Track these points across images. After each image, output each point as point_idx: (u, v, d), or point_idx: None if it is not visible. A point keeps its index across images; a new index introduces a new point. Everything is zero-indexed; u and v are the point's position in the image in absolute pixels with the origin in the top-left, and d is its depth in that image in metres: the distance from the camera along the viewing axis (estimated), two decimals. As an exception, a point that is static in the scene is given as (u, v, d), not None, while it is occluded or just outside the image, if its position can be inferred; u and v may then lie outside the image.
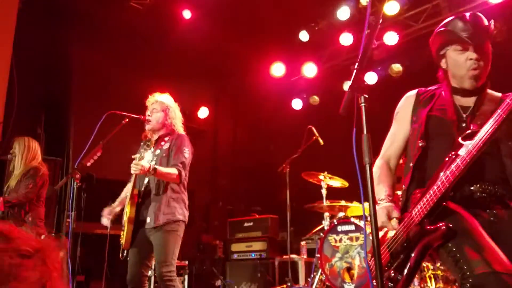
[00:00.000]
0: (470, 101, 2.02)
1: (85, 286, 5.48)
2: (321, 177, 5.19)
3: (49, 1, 6.15)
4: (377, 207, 1.92)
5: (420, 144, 2.01)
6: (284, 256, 5.84)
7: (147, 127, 3.56)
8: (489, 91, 2.07)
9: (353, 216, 4.80)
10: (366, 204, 1.60)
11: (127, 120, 3.62)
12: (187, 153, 3.42)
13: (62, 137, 6.25)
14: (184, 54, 7.19)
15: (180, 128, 3.63)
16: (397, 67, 6.55)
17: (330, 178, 5.21)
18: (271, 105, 8.35)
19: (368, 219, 1.58)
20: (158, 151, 3.44)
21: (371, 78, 6.68)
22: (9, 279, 0.86)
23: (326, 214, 5.13)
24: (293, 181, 5.32)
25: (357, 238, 4.54)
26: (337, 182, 5.28)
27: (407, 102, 2.18)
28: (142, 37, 6.81)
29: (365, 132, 1.64)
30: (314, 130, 5.42)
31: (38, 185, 4.27)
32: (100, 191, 5.75)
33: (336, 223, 4.76)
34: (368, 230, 1.70)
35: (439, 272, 4.01)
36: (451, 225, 1.74)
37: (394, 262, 1.88)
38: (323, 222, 5.12)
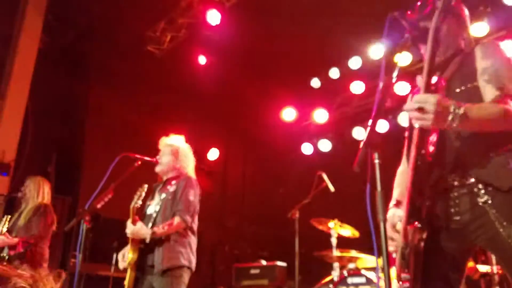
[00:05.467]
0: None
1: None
2: (331, 224, 5.10)
3: (67, 44, 6.40)
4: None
5: (406, 134, 2.03)
6: (291, 307, 5.65)
7: (156, 169, 3.58)
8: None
9: (364, 268, 4.66)
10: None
11: (139, 162, 3.64)
12: (192, 195, 3.36)
13: (73, 177, 6.31)
14: (197, 97, 7.34)
15: (190, 171, 3.61)
16: (407, 116, 6.58)
17: (340, 226, 5.12)
18: (281, 149, 8.38)
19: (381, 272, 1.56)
20: (163, 195, 3.43)
21: (382, 126, 6.73)
22: None
23: (336, 264, 4.99)
24: (302, 228, 5.23)
25: (367, 292, 4.39)
26: (348, 231, 5.18)
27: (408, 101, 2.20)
28: (156, 81, 7.01)
29: (379, 189, 1.63)
30: (324, 176, 5.37)
31: (48, 223, 4.29)
32: (106, 231, 5.71)
33: (346, 274, 4.62)
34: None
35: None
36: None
37: (403, 262, 1.82)
38: (333, 272, 4.97)
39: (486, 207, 1.68)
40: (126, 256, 3.31)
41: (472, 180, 1.71)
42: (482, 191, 1.69)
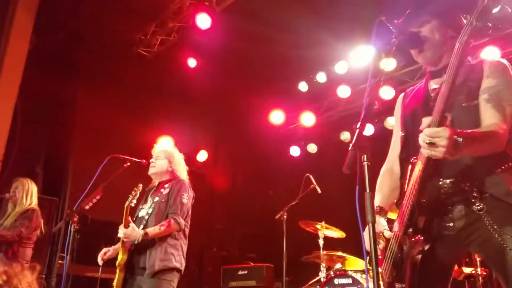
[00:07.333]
0: (439, 81, 1.93)
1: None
2: (318, 226, 5.17)
3: (57, 46, 6.36)
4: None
5: (402, 134, 2.04)
6: (279, 307, 5.70)
7: (150, 171, 3.59)
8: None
9: (351, 270, 4.73)
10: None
11: (128, 164, 3.65)
12: (186, 198, 3.38)
13: (60, 178, 6.25)
14: (187, 100, 7.36)
15: (184, 176, 3.63)
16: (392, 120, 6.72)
17: (327, 228, 5.20)
18: (269, 152, 8.45)
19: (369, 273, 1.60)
20: (156, 198, 3.43)
21: (368, 130, 6.83)
22: None
23: (323, 265, 5.06)
24: (290, 229, 5.29)
25: (354, 292, 4.45)
26: (334, 233, 5.26)
27: (397, 104, 2.19)
28: (145, 83, 7.00)
29: (367, 190, 1.69)
30: (312, 179, 5.43)
31: (33, 226, 4.29)
32: (94, 233, 5.68)
33: (333, 275, 4.69)
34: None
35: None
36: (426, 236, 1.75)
37: (396, 272, 1.85)
38: (320, 273, 5.04)
39: (480, 214, 1.71)
40: (107, 254, 3.37)
41: (467, 187, 1.73)
42: (477, 198, 1.71)
